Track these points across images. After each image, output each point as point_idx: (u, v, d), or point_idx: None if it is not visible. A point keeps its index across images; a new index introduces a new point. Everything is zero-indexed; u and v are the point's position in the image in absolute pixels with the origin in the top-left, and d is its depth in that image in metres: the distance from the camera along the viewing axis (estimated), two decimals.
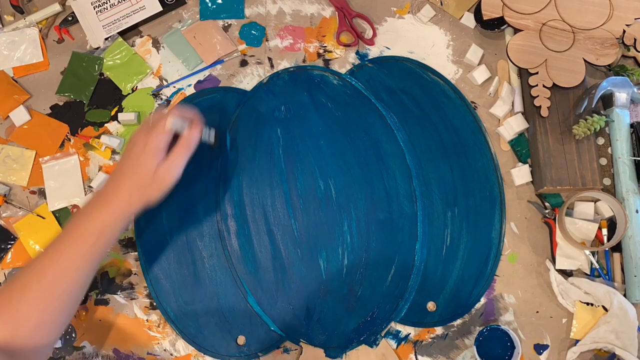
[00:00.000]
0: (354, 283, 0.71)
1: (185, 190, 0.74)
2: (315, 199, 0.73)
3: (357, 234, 0.72)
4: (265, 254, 0.72)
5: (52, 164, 0.77)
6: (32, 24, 0.82)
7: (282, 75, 0.78)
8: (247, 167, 0.75)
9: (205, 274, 0.72)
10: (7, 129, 0.79)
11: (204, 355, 0.71)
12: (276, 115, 0.77)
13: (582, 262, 0.70)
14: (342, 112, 0.76)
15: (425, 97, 0.77)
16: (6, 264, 0.75)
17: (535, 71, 0.73)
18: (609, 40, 0.74)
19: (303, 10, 0.81)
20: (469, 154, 0.75)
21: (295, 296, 0.71)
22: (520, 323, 0.70)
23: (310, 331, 0.71)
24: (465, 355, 0.70)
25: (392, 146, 0.75)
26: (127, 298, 0.73)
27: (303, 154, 0.75)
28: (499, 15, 0.75)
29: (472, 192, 0.73)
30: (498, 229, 0.72)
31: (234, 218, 0.73)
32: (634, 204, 0.69)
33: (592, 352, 0.68)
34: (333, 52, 0.80)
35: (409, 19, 0.81)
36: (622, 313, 0.66)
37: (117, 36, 0.80)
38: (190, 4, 0.82)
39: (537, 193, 0.73)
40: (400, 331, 0.71)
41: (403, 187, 0.73)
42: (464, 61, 0.79)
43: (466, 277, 0.71)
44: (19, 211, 0.76)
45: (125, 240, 0.75)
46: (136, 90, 0.80)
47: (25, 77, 0.81)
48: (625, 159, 0.71)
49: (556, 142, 0.72)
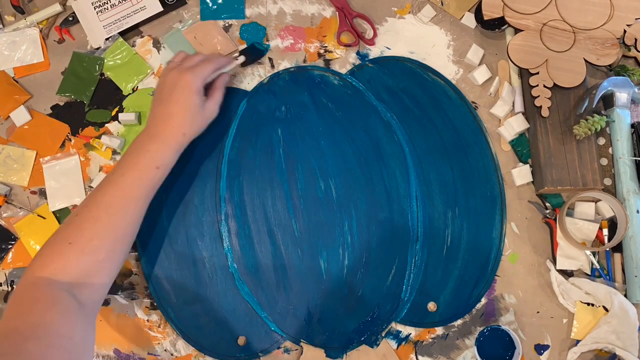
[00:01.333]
0: (355, 283, 0.71)
1: (186, 190, 0.75)
2: (316, 199, 0.73)
3: (357, 234, 0.72)
4: (265, 254, 0.72)
5: (53, 164, 0.77)
6: (33, 24, 0.82)
7: (283, 75, 0.78)
8: (248, 167, 0.75)
9: (205, 274, 0.72)
10: (8, 129, 0.79)
11: (204, 356, 0.71)
12: (277, 115, 0.77)
13: (582, 262, 0.70)
14: (342, 112, 0.76)
15: (426, 97, 0.77)
16: (7, 264, 0.75)
17: (536, 71, 0.73)
18: (609, 40, 0.74)
19: (303, 10, 0.81)
20: (469, 154, 0.75)
21: (295, 296, 0.71)
22: (520, 323, 0.70)
23: (311, 331, 0.71)
24: (466, 356, 0.70)
25: (393, 146, 0.75)
26: (127, 298, 0.73)
27: (303, 154, 0.75)
28: (500, 15, 0.75)
29: (472, 192, 0.73)
30: (499, 229, 0.72)
31: (234, 218, 0.73)
32: (635, 204, 0.69)
33: (592, 353, 0.68)
34: (334, 52, 0.80)
35: (410, 19, 0.81)
36: (623, 313, 0.66)
37: (118, 36, 0.80)
38: (191, 4, 0.82)
39: (537, 193, 0.73)
40: (401, 331, 0.71)
41: (403, 187, 0.73)
42: (464, 61, 0.79)
43: (467, 277, 0.71)
44: (20, 211, 0.76)
45: None
46: (137, 90, 0.80)
47: (26, 77, 0.81)
48: (626, 159, 0.71)
49: (557, 142, 0.71)
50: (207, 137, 0.74)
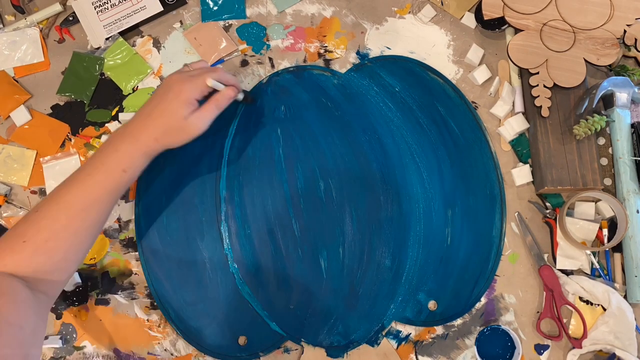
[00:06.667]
0: (355, 282, 0.71)
1: (186, 190, 0.75)
2: (316, 198, 0.73)
3: (357, 234, 0.72)
4: (266, 254, 0.72)
5: (53, 164, 0.77)
6: (33, 24, 0.82)
7: (283, 75, 0.78)
8: (248, 167, 0.75)
9: (206, 274, 0.72)
10: (8, 129, 0.79)
11: (204, 355, 0.71)
12: (276, 115, 0.77)
13: (582, 262, 0.70)
14: (342, 112, 0.76)
15: (426, 97, 0.77)
16: None
17: (536, 71, 0.73)
18: (609, 40, 0.74)
19: (304, 10, 0.81)
20: (469, 153, 0.75)
21: (296, 296, 0.71)
22: (520, 323, 0.70)
23: (312, 331, 0.71)
24: (466, 355, 0.70)
25: (392, 146, 0.75)
26: (127, 298, 0.73)
27: (303, 153, 0.75)
28: (500, 15, 0.75)
29: (472, 192, 0.73)
30: (499, 228, 0.72)
31: (234, 218, 0.73)
32: (635, 204, 0.69)
33: (592, 353, 0.68)
34: (333, 52, 0.80)
35: (410, 19, 0.81)
36: (620, 313, 0.66)
37: (118, 36, 0.80)
38: (191, 4, 0.83)
39: (537, 193, 0.73)
40: (401, 331, 0.71)
41: (403, 186, 0.73)
42: (464, 61, 0.79)
43: (467, 276, 0.71)
44: (20, 211, 0.76)
45: (126, 240, 0.75)
46: (137, 90, 0.80)
47: (26, 77, 0.81)
48: (626, 159, 0.71)
49: (557, 142, 0.71)
50: (207, 137, 0.74)
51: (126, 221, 0.75)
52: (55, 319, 0.73)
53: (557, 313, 0.68)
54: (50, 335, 0.72)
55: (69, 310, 0.73)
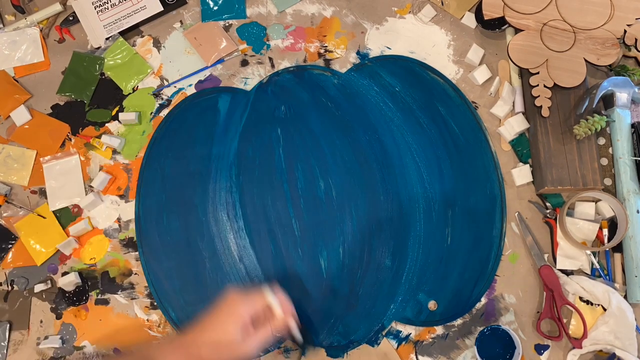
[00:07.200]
0: (355, 282, 0.71)
1: (186, 190, 0.75)
2: (316, 198, 0.73)
3: (357, 234, 0.72)
4: (266, 254, 0.72)
5: (53, 164, 0.77)
6: (33, 24, 0.82)
7: (283, 74, 0.78)
8: (248, 167, 0.75)
9: (206, 274, 0.72)
10: (8, 129, 0.79)
11: None
12: (276, 114, 0.77)
13: (583, 262, 0.70)
14: (342, 112, 0.76)
15: (426, 97, 0.77)
16: (7, 263, 0.75)
17: (536, 71, 0.73)
18: (610, 40, 0.74)
19: (304, 10, 0.81)
20: (469, 153, 0.74)
21: (296, 295, 0.71)
22: (520, 323, 0.70)
23: (312, 330, 0.70)
24: (466, 356, 0.70)
25: (392, 145, 0.75)
26: (127, 298, 0.73)
27: (303, 153, 0.75)
28: (500, 15, 0.75)
29: (472, 191, 0.73)
30: (499, 227, 0.72)
31: (235, 218, 0.73)
32: (635, 204, 0.69)
33: (592, 353, 0.68)
34: (334, 51, 0.80)
35: (410, 18, 0.81)
36: (620, 313, 0.66)
37: (118, 36, 0.80)
38: (191, 4, 0.83)
39: (537, 193, 0.73)
40: (401, 331, 0.71)
41: (403, 186, 0.73)
42: (464, 61, 0.79)
43: (467, 276, 0.71)
44: (20, 211, 0.76)
45: (126, 240, 0.75)
46: (137, 90, 0.80)
47: (26, 76, 0.81)
48: (626, 159, 0.71)
49: (557, 142, 0.71)
50: (207, 138, 0.74)
51: (126, 221, 0.75)
52: (55, 319, 0.73)
53: (557, 313, 0.68)
54: (50, 335, 0.72)
55: (69, 310, 0.73)
